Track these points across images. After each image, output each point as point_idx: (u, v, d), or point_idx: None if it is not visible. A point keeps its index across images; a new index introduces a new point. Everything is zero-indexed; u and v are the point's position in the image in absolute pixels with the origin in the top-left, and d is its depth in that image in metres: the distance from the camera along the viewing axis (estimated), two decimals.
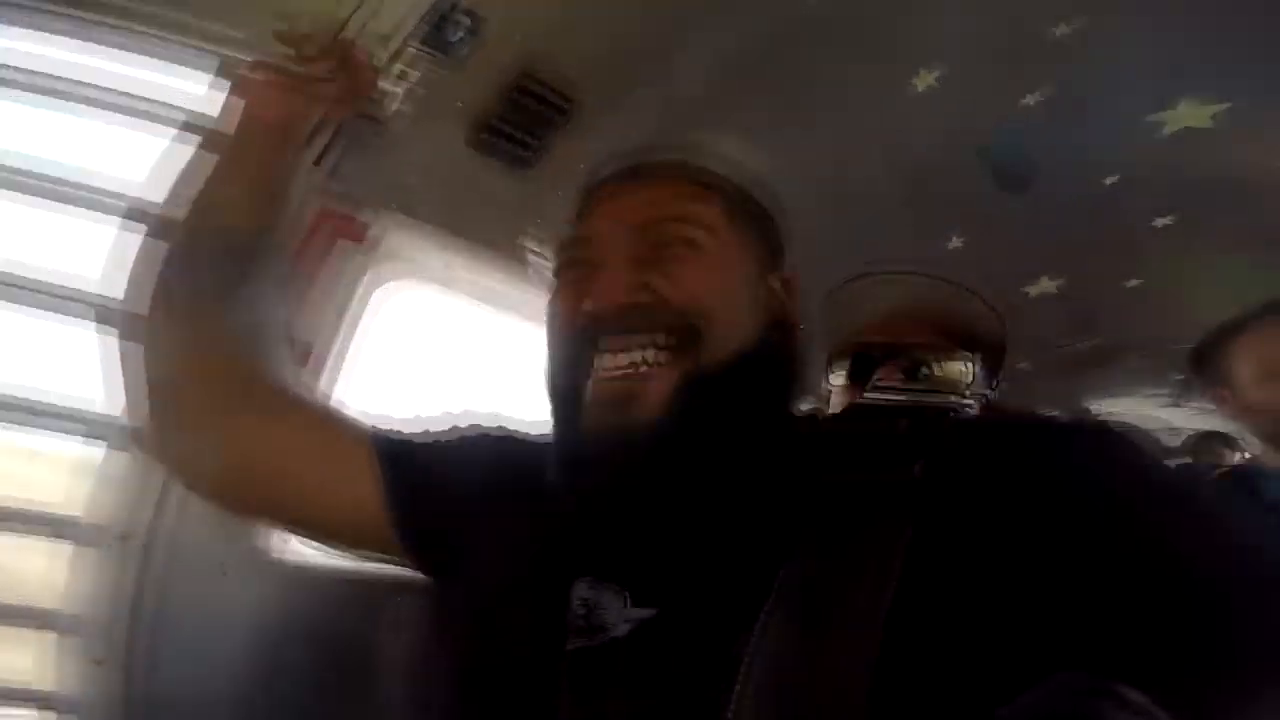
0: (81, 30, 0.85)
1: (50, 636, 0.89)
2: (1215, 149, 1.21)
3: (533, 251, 1.17)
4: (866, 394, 0.79)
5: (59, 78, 0.85)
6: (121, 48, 0.86)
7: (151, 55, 0.88)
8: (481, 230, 1.13)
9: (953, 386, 0.85)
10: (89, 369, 0.78)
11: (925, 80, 1.12)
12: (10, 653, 0.90)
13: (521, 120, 1.07)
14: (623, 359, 0.52)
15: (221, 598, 0.94)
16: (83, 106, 0.86)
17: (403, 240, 1.07)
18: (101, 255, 0.83)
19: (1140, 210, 1.35)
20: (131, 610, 0.89)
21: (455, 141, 1.05)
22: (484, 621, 0.55)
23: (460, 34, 0.96)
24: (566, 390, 0.55)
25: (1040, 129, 1.19)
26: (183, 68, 0.88)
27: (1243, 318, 1.10)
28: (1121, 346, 1.74)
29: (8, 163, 0.83)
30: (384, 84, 0.93)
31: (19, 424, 0.86)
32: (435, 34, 0.94)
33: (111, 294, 0.73)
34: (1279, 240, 1.34)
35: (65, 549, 0.89)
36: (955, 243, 1.43)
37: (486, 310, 1.19)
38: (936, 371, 0.85)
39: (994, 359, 0.91)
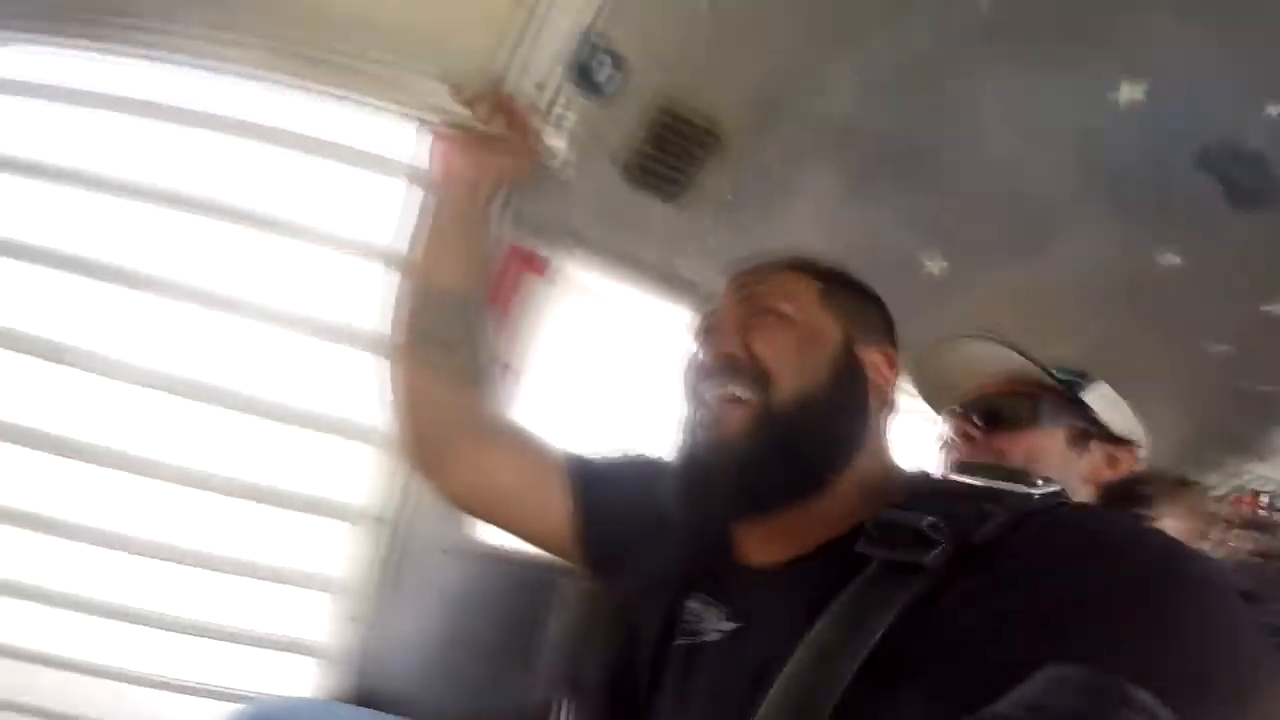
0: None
1: (323, 597, 1.17)
2: None
3: (685, 275, 1.28)
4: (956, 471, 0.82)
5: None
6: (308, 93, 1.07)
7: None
8: (642, 256, 1.25)
9: (1016, 418, 0.96)
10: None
11: (1129, 93, 0.98)
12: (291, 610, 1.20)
13: (670, 153, 1.14)
14: (719, 392, 0.68)
15: (438, 574, 1.18)
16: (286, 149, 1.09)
17: (577, 270, 1.22)
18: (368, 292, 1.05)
19: None
20: (380, 579, 1.15)
21: (613, 177, 1.15)
22: (625, 616, 0.73)
23: (606, 73, 1.04)
24: (689, 420, 0.71)
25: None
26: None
27: None
28: None
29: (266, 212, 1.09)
30: (548, 132, 1.04)
31: (310, 429, 1.15)
32: (583, 77, 1.04)
33: (380, 328, 0.93)
34: None
35: (338, 526, 1.17)
36: (1171, 259, 1.24)
37: (652, 327, 1.32)
38: (996, 418, 0.96)
39: (1060, 396, 0.97)
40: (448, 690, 1.16)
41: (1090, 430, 0.97)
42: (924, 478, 0.71)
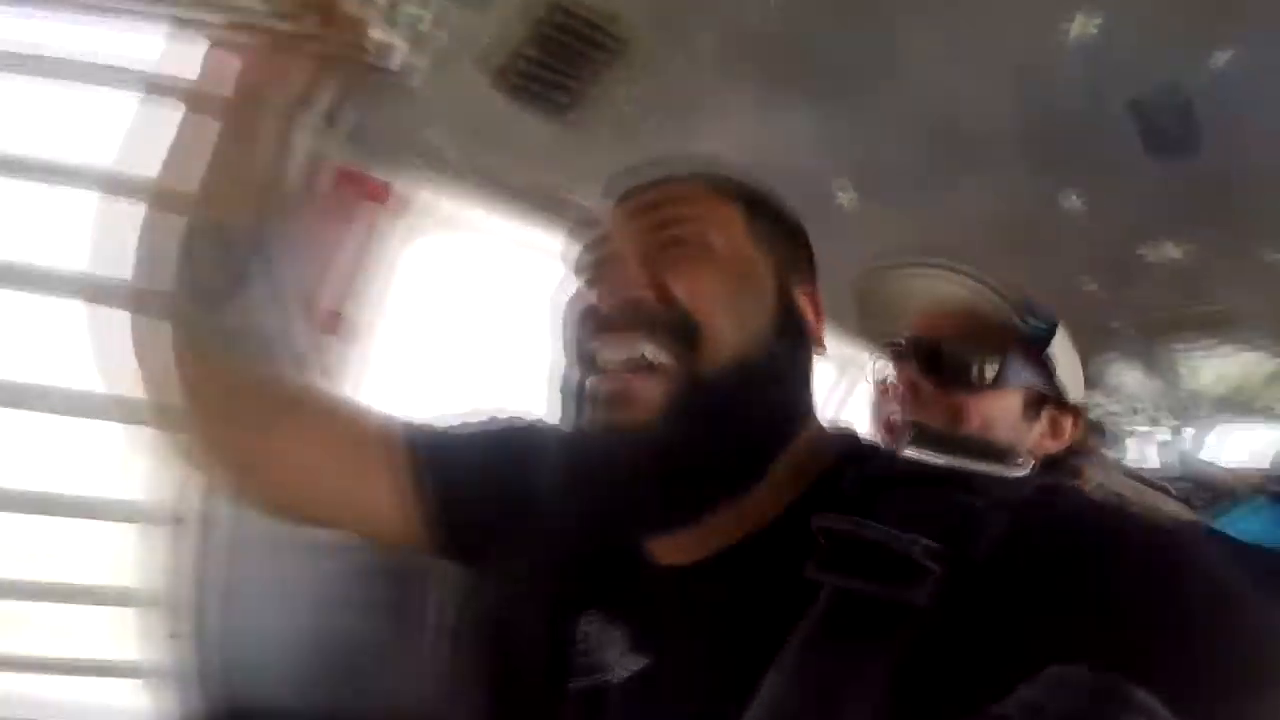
0: None
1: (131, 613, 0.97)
2: None
3: (575, 202, 1.06)
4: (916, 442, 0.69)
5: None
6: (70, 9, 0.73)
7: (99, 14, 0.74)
8: (514, 182, 1.02)
9: (974, 376, 0.82)
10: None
11: (1083, 26, 0.86)
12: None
13: (558, 58, 0.90)
14: (621, 355, 0.49)
15: (280, 570, 0.98)
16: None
17: (429, 197, 0.97)
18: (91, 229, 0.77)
19: None
20: (197, 586, 0.95)
21: (481, 87, 0.90)
22: (501, 629, 0.57)
23: None
24: (573, 388, 0.52)
25: (1224, 92, 0.93)
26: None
27: None
28: (1233, 317, 1.54)
29: None
30: (383, 32, 0.77)
31: (69, 413, 0.87)
32: None
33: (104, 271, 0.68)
34: None
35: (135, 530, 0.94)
36: (1074, 202, 1.21)
37: (522, 263, 1.11)
38: (952, 374, 0.81)
39: (1030, 355, 0.84)
40: (307, 694, 1.00)
41: (1046, 395, 0.84)
42: (862, 447, 0.56)
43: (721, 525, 0.49)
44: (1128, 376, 1.91)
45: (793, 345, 0.53)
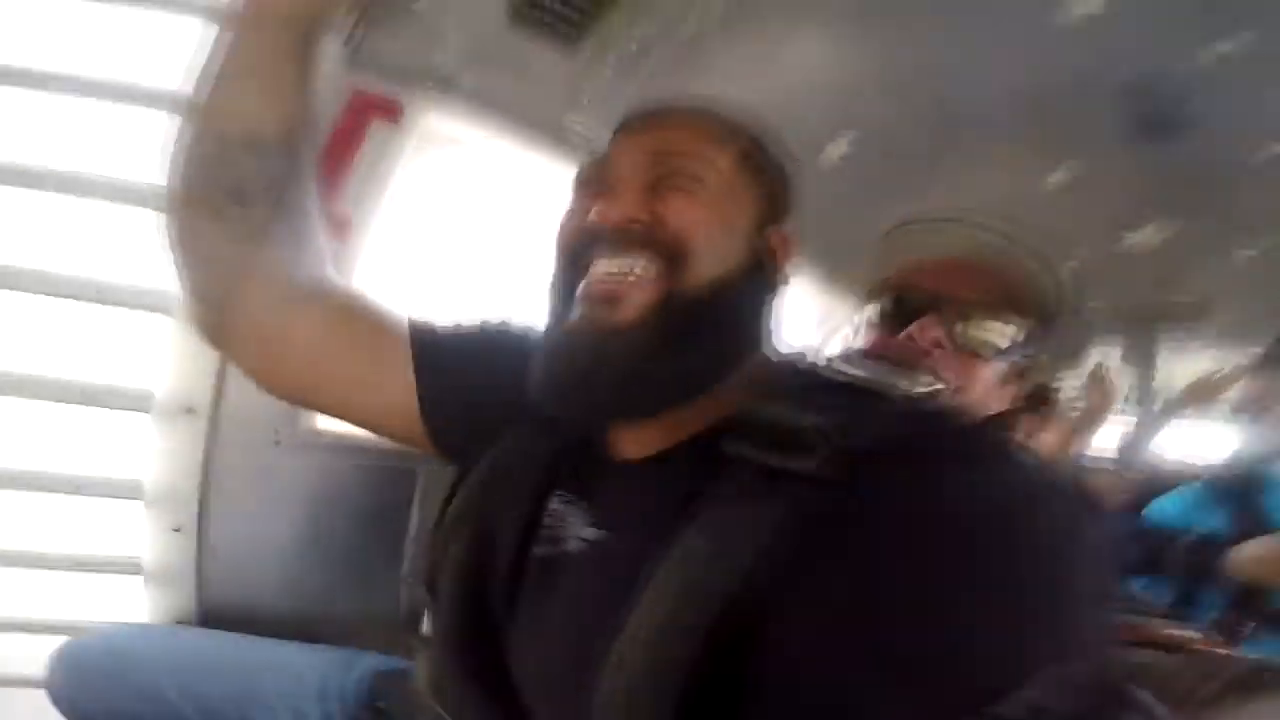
0: None
1: (137, 506, 1.01)
2: None
3: (577, 131, 1.10)
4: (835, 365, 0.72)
5: None
6: None
7: None
8: (522, 108, 1.05)
9: (986, 347, 0.82)
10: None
11: (1086, 5, 0.88)
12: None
13: None
14: (615, 266, 0.57)
15: (275, 468, 1.05)
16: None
17: (439, 118, 1.01)
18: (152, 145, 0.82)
19: None
20: (202, 481, 1.00)
21: (494, 14, 0.93)
22: (480, 516, 0.66)
23: None
24: (563, 291, 0.60)
25: (1217, 82, 0.95)
26: None
27: None
28: (1197, 308, 1.58)
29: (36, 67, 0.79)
30: None
31: (92, 301, 0.92)
32: None
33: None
34: None
35: (141, 420, 0.98)
36: (1059, 177, 1.24)
37: (523, 183, 1.15)
38: (974, 330, 0.82)
39: (1045, 325, 0.86)
40: (300, 599, 1.08)
41: (1025, 370, 0.85)
42: (801, 364, 0.64)
43: (677, 422, 0.57)
44: (1106, 361, 1.96)
45: (759, 277, 0.61)
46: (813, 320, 1.29)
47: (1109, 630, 0.45)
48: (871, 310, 0.87)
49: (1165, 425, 2.01)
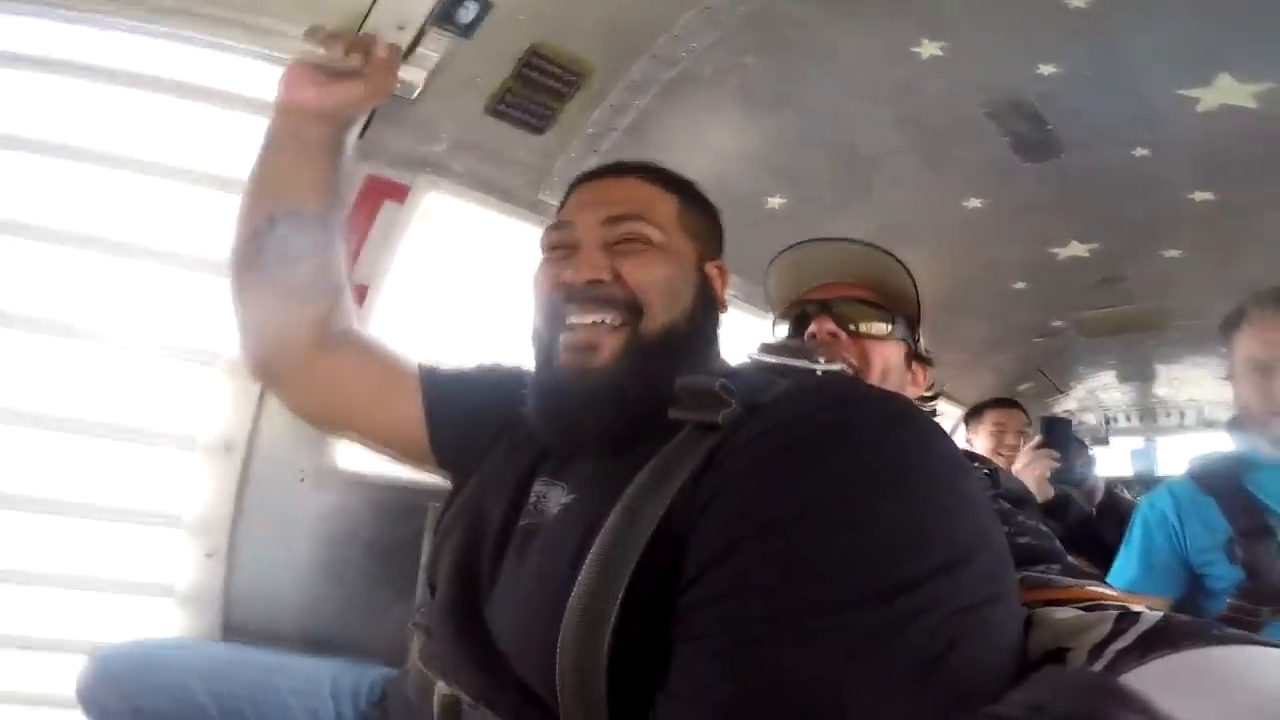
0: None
1: (176, 534, 1.12)
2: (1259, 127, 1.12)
3: (550, 203, 1.34)
4: (754, 355, 0.85)
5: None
6: (174, 39, 1.03)
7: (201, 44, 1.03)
8: (503, 186, 1.30)
9: (869, 330, 0.98)
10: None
11: (929, 50, 1.11)
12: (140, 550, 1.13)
13: (533, 90, 1.19)
14: (588, 319, 0.69)
15: (299, 503, 1.17)
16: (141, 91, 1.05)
17: (436, 197, 1.26)
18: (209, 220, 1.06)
19: (1177, 183, 1.28)
20: (234, 511, 1.12)
21: (476, 111, 1.19)
22: (475, 505, 0.77)
23: (472, 15, 1.06)
24: (546, 339, 0.73)
25: (1060, 99, 1.15)
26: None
27: (1241, 308, 1.10)
28: (1163, 313, 1.67)
29: (118, 151, 1.05)
30: (407, 69, 1.06)
31: (157, 357, 1.11)
32: (449, 15, 1.05)
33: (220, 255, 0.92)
34: None
35: (189, 458, 1.12)
36: (975, 203, 1.43)
37: (511, 253, 1.37)
38: (862, 326, 0.98)
39: (914, 315, 1.02)
40: (324, 622, 1.16)
41: (913, 348, 1.02)
42: (735, 364, 0.76)
43: None
44: (1099, 379, 2.01)
45: (705, 309, 0.74)
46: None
47: (986, 535, 0.51)
48: (780, 329, 1.05)
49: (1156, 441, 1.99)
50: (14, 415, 1.04)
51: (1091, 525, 1.48)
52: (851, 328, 0.98)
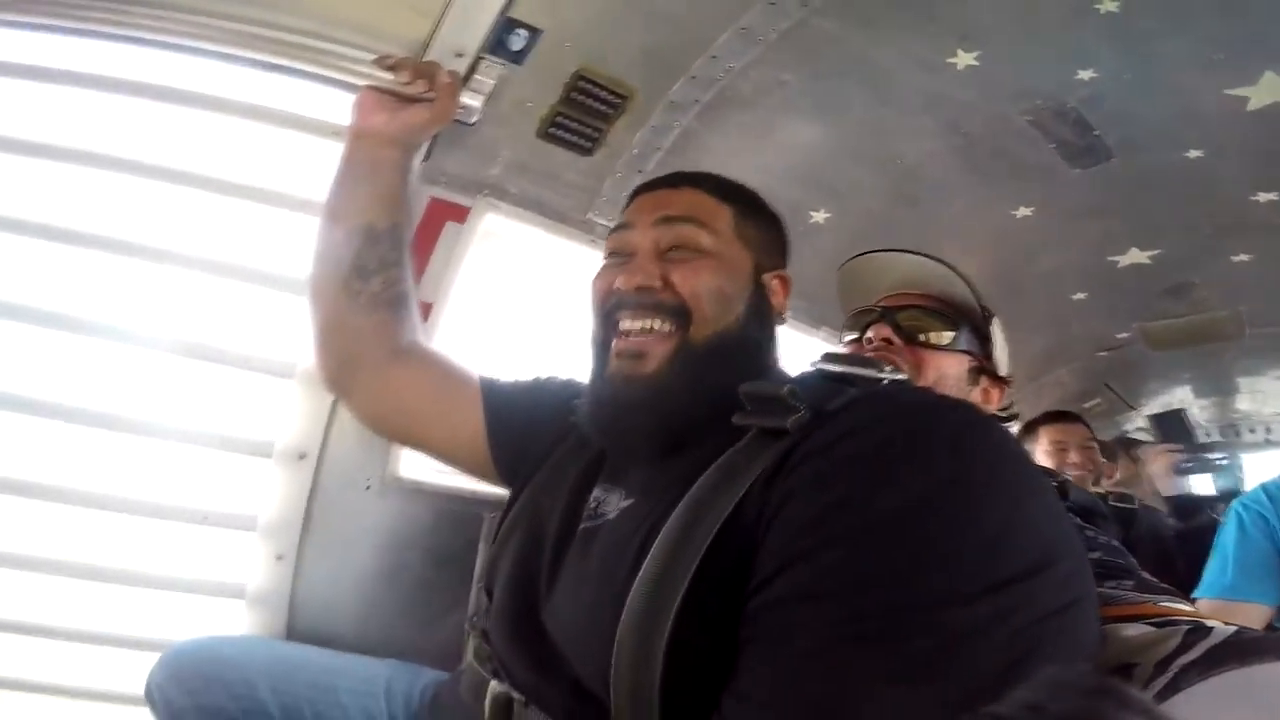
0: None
1: (250, 537, 1.17)
2: None
3: (600, 223, 1.41)
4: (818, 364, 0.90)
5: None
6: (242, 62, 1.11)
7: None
8: (556, 207, 1.38)
9: (927, 339, 0.98)
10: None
11: (965, 60, 1.13)
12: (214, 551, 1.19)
13: (581, 113, 1.27)
14: (638, 325, 0.72)
15: (364, 510, 1.22)
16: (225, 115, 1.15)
17: (494, 218, 1.34)
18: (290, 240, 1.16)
19: (1237, 184, 1.24)
20: (305, 516, 1.17)
21: (529, 135, 1.28)
22: (532, 512, 0.80)
23: (523, 42, 1.15)
24: (601, 343, 0.76)
25: (1102, 103, 1.15)
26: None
27: None
28: (1237, 321, 1.58)
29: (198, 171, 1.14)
30: (465, 95, 1.15)
31: (234, 368, 1.17)
32: (502, 43, 1.14)
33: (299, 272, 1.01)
34: None
35: (262, 464, 1.18)
36: (1024, 211, 1.41)
37: (565, 270, 1.44)
38: (919, 335, 0.98)
39: (976, 329, 1.01)
40: (381, 625, 1.21)
41: (984, 364, 1.01)
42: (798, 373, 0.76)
43: None
44: (1175, 394, 1.89)
45: (759, 319, 0.75)
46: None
47: (1066, 540, 0.51)
48: (847, 337, 1.06)
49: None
50: (108, 419, 1.11)
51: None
52: (910, 335, 0.98)
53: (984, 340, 1.01)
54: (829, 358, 0.84)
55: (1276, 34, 0.99)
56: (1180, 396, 1.99)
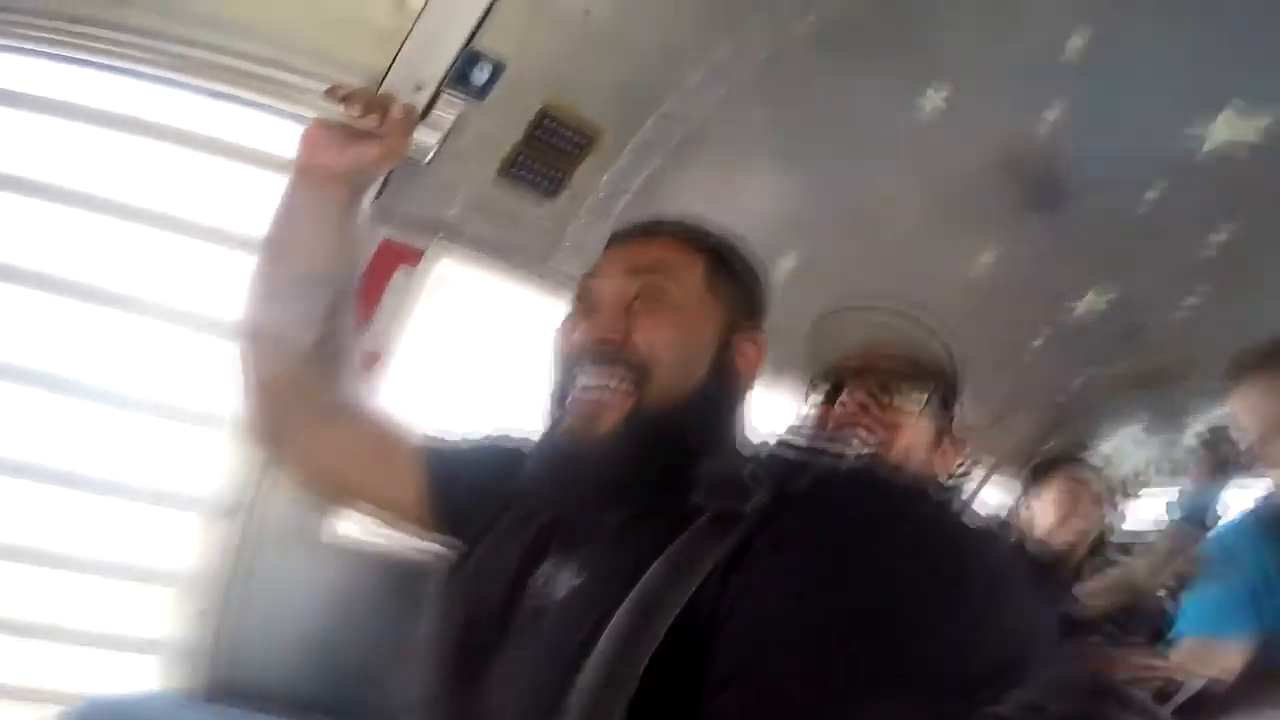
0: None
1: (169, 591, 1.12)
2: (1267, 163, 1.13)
3: (562, 271, 1.33)
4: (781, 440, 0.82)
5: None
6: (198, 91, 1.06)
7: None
8: (516, 251, 1.29)
9: (903, 404, 0.94)
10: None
11: (933, 100, 1.14)
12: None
13: (546, 152, 1.21)
14: (594, 382, 0.66)
15: (297, 565, 1.15)
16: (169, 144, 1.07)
17: (449, 263, 1.25)
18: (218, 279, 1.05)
19: (1190, 226, 1.29)
20: (231, 571, 1.11)
21: (489, 175, 1.20)
22: (475, 582, 0.71)
23: (486, 76, 1.09)
24: (558, 399, 0.70)
25: (1063, 144, 1.18)
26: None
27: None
28: (1188, 363, 1.64)
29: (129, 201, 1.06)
30: (422, 131, 1.07)
31: (161, 418, 1.11)
32: (464, 77, 1.08)
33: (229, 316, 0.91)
34: None
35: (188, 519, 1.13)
36: (986, 258, 1.43)
37: (523, 319, 1.35)
38: (895, 399, 0.94)
39: (949, 389, 0.98)
40: (311, 685, 1.14)
41: (947, 428, 0.98)
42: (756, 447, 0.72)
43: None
44: (1123, 437, 1.94)
45: (722, 385, 0.69)
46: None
47: (1034, 626, 0.52)
48: (814, 395, 1.00)
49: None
50: (19, 469, 1.06)
51: None
52: (884, 400, 0.94)
53: (953, 399, 0.98)
54: (791, 432, 0.81)
55: (1234, 74, 1.03)
56: (1134, 435, 2.05)
